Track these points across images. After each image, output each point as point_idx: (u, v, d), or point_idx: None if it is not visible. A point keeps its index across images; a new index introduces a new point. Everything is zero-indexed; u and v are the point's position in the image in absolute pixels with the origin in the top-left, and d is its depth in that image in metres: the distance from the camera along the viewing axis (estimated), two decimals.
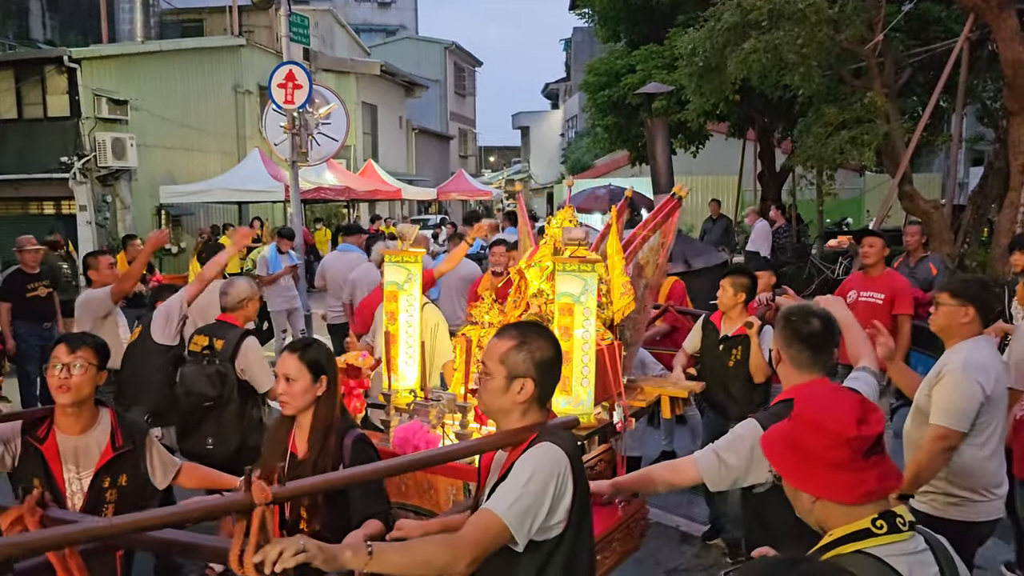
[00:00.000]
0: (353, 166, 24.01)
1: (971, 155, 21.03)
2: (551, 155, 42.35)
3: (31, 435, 2.91)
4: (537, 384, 2.21)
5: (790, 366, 2.76)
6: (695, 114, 10.89)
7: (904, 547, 1.67)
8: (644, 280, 4.11)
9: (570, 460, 2.15)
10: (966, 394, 3.23)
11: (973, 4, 8.35)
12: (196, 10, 25.05)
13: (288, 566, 1.81)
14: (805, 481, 1.74)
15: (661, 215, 4.19)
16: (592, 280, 3.23)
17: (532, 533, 2.07)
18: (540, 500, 2.07)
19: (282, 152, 10.45)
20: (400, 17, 43.63)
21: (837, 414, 1.70)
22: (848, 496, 1.69)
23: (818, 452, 1.71)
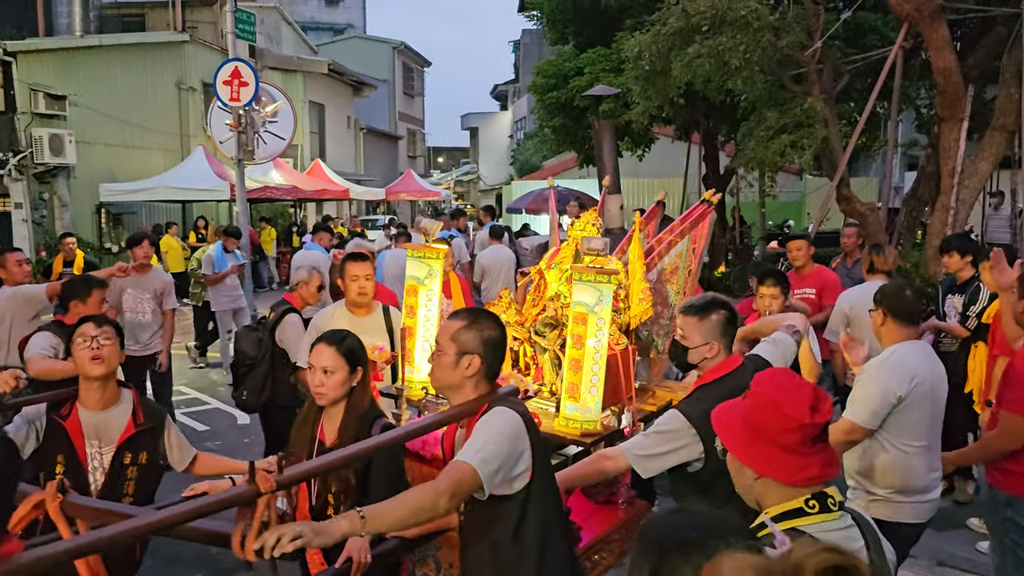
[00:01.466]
0: (300, 165, 23.77)
1: (907, 160, 21.72)
2: (500, 156, 42.45)
3: (55, 413, 3.02)
4: (484, 360, 2.44)
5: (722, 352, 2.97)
6: (641, 117, 11.05)
7: (833, 524, 1.76)
8: (673, 286, 4.07)
9: (523, 419, 2.40)
10: (876, 392, 3.31)
11: (907, 14, 8.64)
12: (138, 4, 24.48)
13: (286, 551, 1.89)
14: (754, 458, 1.81)
15: (689, 220, 4.11)
16: (608, 291, 3.20)
17: (497, 482, 2.29)
18: (502, 452, 2.29)
19: (228, 150, 10.32)
20: (348, 16, 43.27)
21: (794, 399, 1.79)
22: (792, 478, 1.77)
23: (770, 433, 1.79)
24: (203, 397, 8.92)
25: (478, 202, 41.66)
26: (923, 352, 3.51)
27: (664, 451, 2.76)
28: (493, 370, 2.50)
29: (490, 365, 2.47)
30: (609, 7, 13.77)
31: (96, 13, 22.15)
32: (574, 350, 3.24)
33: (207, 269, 9.40)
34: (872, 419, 3.32)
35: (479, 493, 2.27)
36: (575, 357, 3.24)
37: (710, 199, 4.12)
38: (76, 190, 17.10)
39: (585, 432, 3.25)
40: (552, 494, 2.51)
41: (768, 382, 1.89)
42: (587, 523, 3.58)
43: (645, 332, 4.01)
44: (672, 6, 9.39)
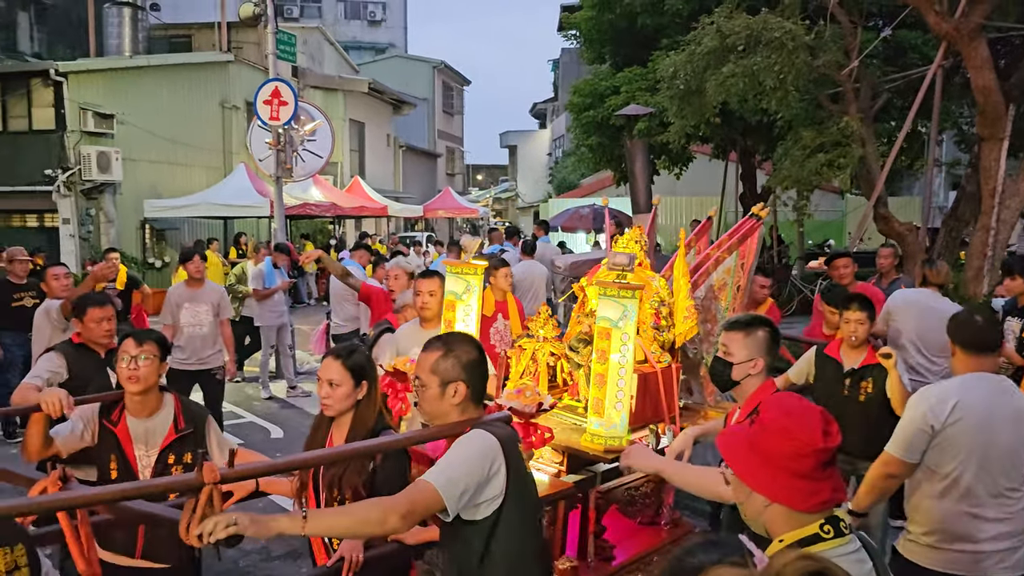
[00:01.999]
0: (340, 182, 24.08)
1: (950, 179, 21.35)
2: (538, 174, 42.57)
3: (107, 418, 3.26)
4: (468, 385, 2.45)
5: (763, 371, 2.96)
6: (677, 136, 11.04)
7: (847, 549, 1.75)
8: (722, 303, 3.99)
9: (501, 444, 2.36)
10: (910, 420, 3.10)
11: (946, 32, 8.54)
12: (185, 26, 25.16)
13: (220, 537, 2.00)
14: (765, 485, 1.79)
15: (737, 235, 4.03)
16: (632, 306, 3.18)
17: (463, 504, 2.27)
18: (470, 474, 2.27)
19: (267, 168, 10.53)
20: (390, 35, 43.88)
21: (806, 424, 1.77)
22: (805, 504, 1.75)
23: (782, 459, 1.77)
24: (238, 411, 9.06)
25: (516, 220, 41.77)
26: (986, 384, 3.10)
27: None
28: (478, 392, 2.50)
29: (475, 388, 2.47)
30: (645, 27, 13.81)
31: (145, 34, 22.79)
32: (598, 365, 3.27)
33: (256, 284, 9.53)
34: (908, 451, 3.08)
35: (443, 515, 2.26)
36: (599, 372, 3.26)
37: (759, 213, 4.01)
38: (122, 206, 17.52)
39: (609, 448, 3.23)
40: (528, 521, 2.45)
41: (776, 408, 1.87)
42: (626, 542, 3.58)
43: (694, 350, 3.98)
44: (707, 26, 9.40)
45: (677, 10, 12.76)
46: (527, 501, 2.46)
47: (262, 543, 5.40)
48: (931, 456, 3.07)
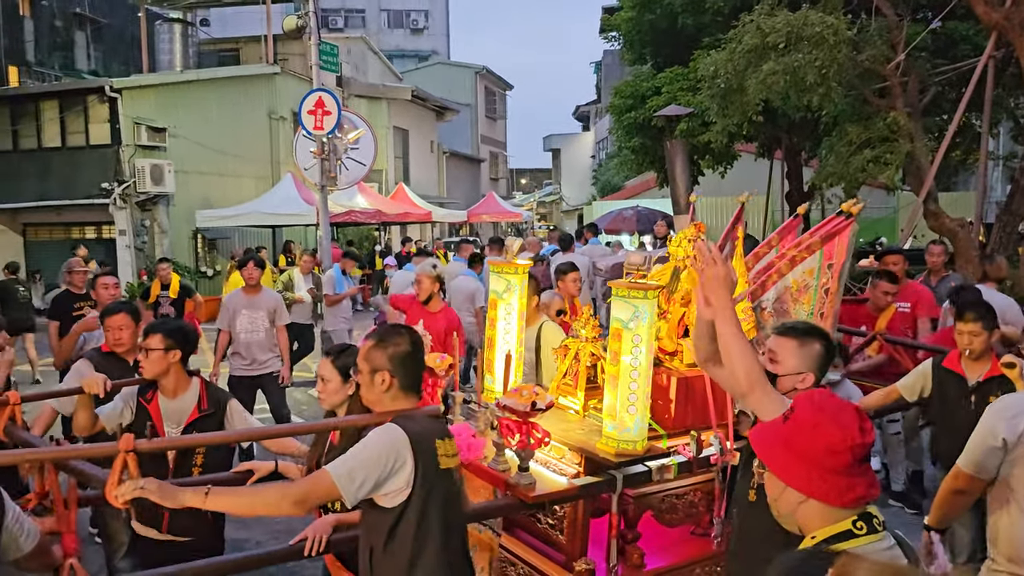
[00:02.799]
0: (384, 189, 24.36)
1: (1007, 172, 20.74)
2: (582, 177, 42.48)
3: (143, 396, 3.68)
4: (394, 375, 2.57)
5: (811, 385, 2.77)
6: (719, 135, 10.93)
7: (880, 546, 1.76)
8: (803, 306, 3.69)
9: (412, 439, 2.44)
10: (981, 435, 2.88)
11: (996, 22, 8.34)
12: (233, 40, 25.73)
13: (127, 499, 2.32)
14: (801, 481, 1.80)
15: (820, 233, 3.72)
16: (645, 307, 3.11)
17: (362, 495, 2.40)
18: (369, 468, 2.39)
19: (312, 177, 10.72)
20: (432, 43, 44.25)
21: (842, 420, 1.80)
22: (841, 500, 1.77)
23: (818, 455, 1.78)
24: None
25: (561, 223, 41.73)
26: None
27: None
28: (408, 383, 2.60)
29: (403, 379, 2.58)
30: (686, 26, 13.70)
31: (195, 49, 23.37)
32: (611, 367, 3.22)
33: (328, 290, 9.73)
34: (976, 467, 2.87)
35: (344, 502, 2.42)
36: (612, 374, 3.21)
37: (850, 210, 3.63)
38: (174, 217, 17.98)
39: (621, 452, 3.17)
40: (440, 517, 2.48)
41: (810, 404, 1.88)
42: (666, 551, 3.54)
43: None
44: (747, 24, 9.30)
45: (718, 8, 12.64)
46: (443, 497, 2.50)
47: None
48: (1009, 472, 2.82)
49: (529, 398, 2.85)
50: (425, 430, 2.51)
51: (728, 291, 2.47)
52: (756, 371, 2.47)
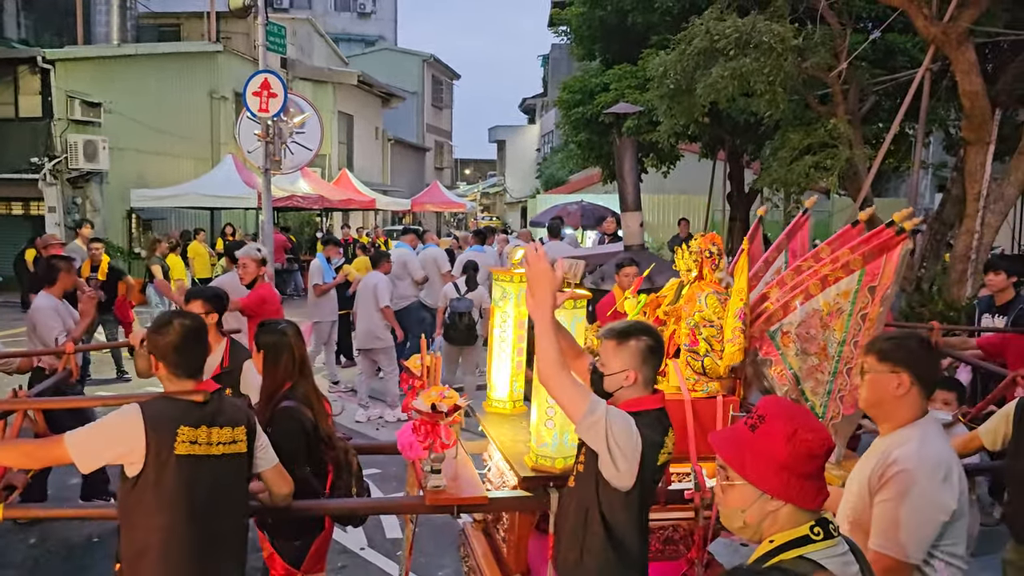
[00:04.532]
0: (328, 175, 24.01)
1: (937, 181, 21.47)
2: (526, 169, 42.55)
3: None
4: (160, 359, 2.78)
5: (641, 385, 2.68)
6: (666, 135, 11.07)
7: (834, 551, 1.80)
8: (835, 333, 3.26)
9: (147, 420, 2.64)
10: (925, 515, 2.30)
11: (934, 36, 8.60)
12: (174, 15, 24.98)
13: None
14: (779, 488, 1.81)
15: (863, 250, 3.23)
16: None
17: (93, 464, 2.68)
18: (98, 440, 2.66)
19: (255, 159, 10.47)
20: (379, 28, 43.70)
21: (812, 425, 1.84)
22: (814, 502, 1.82)
23: (798, 462, 1.81)
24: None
25: (504, 215, 41.75)
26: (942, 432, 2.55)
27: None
28: (175, 369, 2.79)
29: (170, 365, 2.78)
30: (636, 25, 13.82)
31: (133, 23, 22.64)
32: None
33: (316, 279, 9.47)
34: (919, 550, 2.32)
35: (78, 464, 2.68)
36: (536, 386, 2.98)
37: (904, 224, 3.09)
38: (108, 195, 17.43)
39: (537, 468, 3.01)
40: (174, 500, 2.65)
41: (781, 412, 1.89)
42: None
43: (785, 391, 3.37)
44: (697, 27, 9.42)
45: (667, 8, 12.78)
46: (175, 478, 2.64)
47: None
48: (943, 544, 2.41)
49: (432, 400, 2.87)
50: (166, 414, 2.69)
51: (548, 289, 2.55)
52: (557, 366, 2.52)
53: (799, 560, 1.76)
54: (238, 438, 2.78)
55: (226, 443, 2.73)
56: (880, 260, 3.18)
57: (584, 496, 2.61)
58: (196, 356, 2.81)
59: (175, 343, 2.75)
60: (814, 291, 3.31)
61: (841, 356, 3.28)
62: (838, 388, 3.31)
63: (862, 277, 3.22)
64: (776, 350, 3.40)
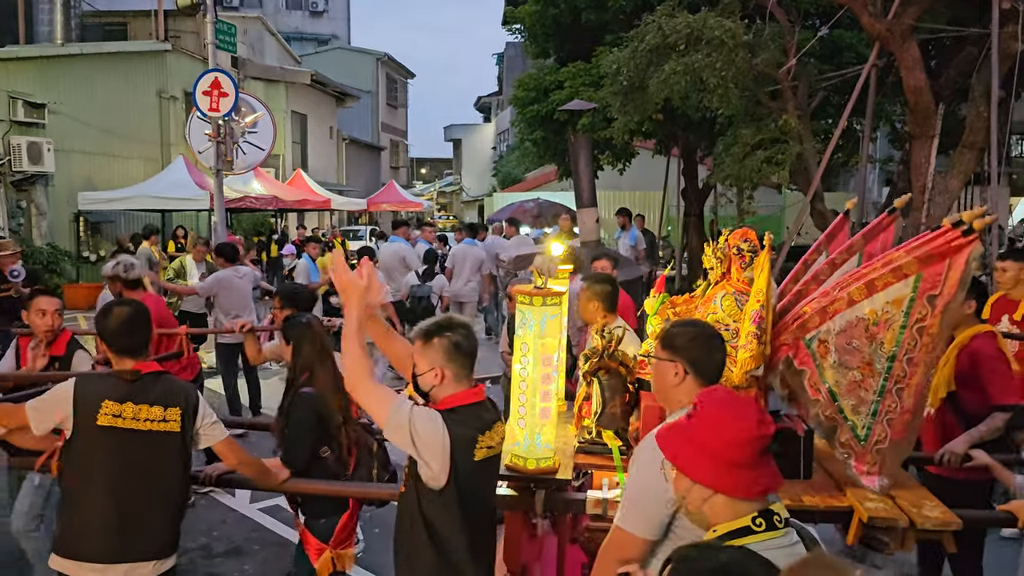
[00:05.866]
0: (282, 175, 23.73)
1: (884, 175, 21.96)
2: (483, 168, 42.53)
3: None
4: (104, 341, 3.13)
5: (452, 381, 2.68)
6: (620, 132, 11.15)
7: (780, 542, 1.81)
8: (883, 346, 2.91)
9: (76, 394, 2.98)
10: (647, 495, 2.25)
11: (879, 33, 8.79)
12: (120, 13, 24.45)
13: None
14: (707, 476, 1.85)
15: (921, 251, 2.86)
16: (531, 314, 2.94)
17: (49, 424, 3.00)
18: (48, 406, 3.00)
19: (206, 160, 10.34)
20: (332, 27, 43.30)
21: (740, 414, 1.85)
22: (748, 492, 1.82)
23: (722, 449, 1.84)
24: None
25: (461, 213, 41.69)
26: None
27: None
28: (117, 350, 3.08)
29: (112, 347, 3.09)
30: (589, 22, 13.89)
31: (78, 21, 22.09)
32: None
33: (303, 280, 9.50)
34: (644, 524, 2.27)
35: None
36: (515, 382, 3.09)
37: (972, 222, 2.78)
38: (54, 198, 16.99)
39: (510, 466, 3.01)
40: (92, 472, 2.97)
41: (710, 401, 1.93)
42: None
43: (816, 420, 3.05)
44: (649, 24, 9.51)
45: (620, 6, 12.87)
46: (96, 445, 2.96)
47: (203, 541, 5.33)
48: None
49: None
50: (93, 388, 3.01)
51: (356, 298, 2.65)
52: (362, 372, 2.61)
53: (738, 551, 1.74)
54: (170, 417, 3.03)
55: (155, 420, 3.00)
56: (942, 265, 2.80)
57: (409, 499, 2.67)
58: (132, 338, 3.09)
59: (113, 327, 3.07)
60: (858, 296, 2.91)
61: (891, 373, 2.91)
62: (885, 409, 2.95)
63: (918, 284, 2.82)
64: (812, 360, 3.02)
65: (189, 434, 3.09)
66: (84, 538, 2.93)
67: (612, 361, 3.33)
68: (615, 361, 3.33)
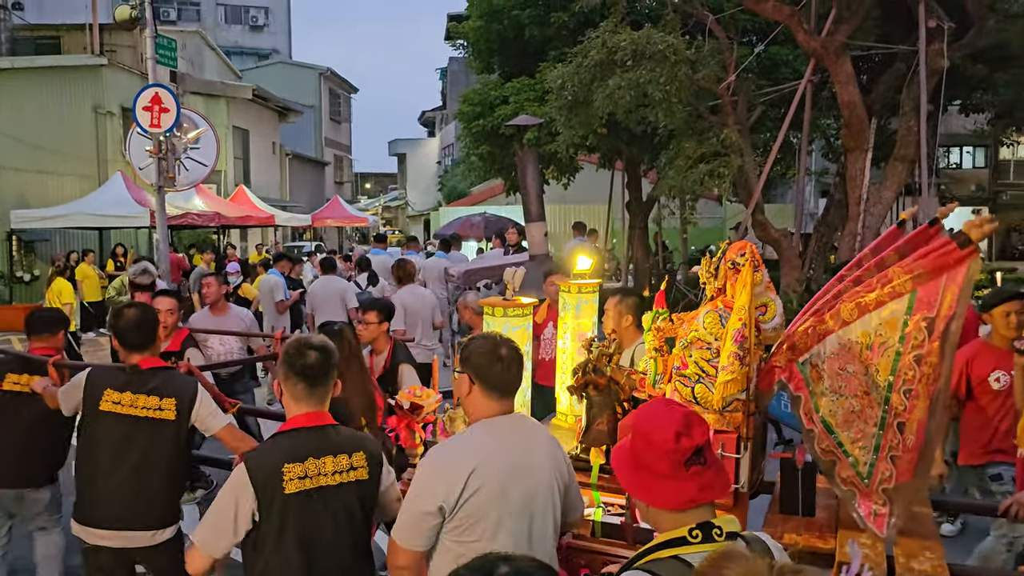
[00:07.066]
0: (224, 191, 23.35)
1: (820, 187, 22.62)
2: (428, 182, 42.48)
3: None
4: (114, 336, 3.64)
5: (290, 399, 2.65)
6: (565, 146, 11.27)
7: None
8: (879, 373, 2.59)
9: (87, 378, 3.46)
10: (415, 504, 2.40)
11: (813, 50, 9.09)
12: (53, 27, 23.82)
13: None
14: (639, 490, 1.88)
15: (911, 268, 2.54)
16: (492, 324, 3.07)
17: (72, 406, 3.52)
18: (69, 393, 3.52)
19: (147, 177, 10.14)
20: (273, 41, 42.87)
21: (661, 426, 1.84)
22: (673, 503, 1.83)
23: (647, 463, 1.86)
24: None
25: (407, 228, 41.53)
26: (500, 431, 2.54)
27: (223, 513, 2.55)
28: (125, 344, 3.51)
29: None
30: (533, 38, 14.02)
31: (8, 35, 21.53)
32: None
33: (279, 296, 9.31)
34: (409, 535, 2.43)
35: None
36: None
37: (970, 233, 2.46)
38: None
39: None
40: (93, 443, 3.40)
41: (640, 415, 1.96)
42: None
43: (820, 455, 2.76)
44: (593, 39, 9.66)
45: (564, 23, 13.03)
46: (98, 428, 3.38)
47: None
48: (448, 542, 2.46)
49: (406, 398, 3.09)
50: (100, 377, 3.45)
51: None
52: None
53: (670, 560, 1.76)
54: (165, 407, 3.34)
55: (151, 409, 3.32)
56: (938, 282, 2.47)
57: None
58: (138, 337, 3.45)
59: (122, 326, 3.47)
60: (849, 317, 2.62)
61: (889, 406, 2.58)
62: (888, 445, 2.61)
63: (913, 305, 2.51)
64: (806, 386, 2.77)
65: (186, 422, 3.39)
66: (94, 507, 3.33)
67: (600, 377, 3.20)
68: (603, 376, 3.20)
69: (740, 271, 2.85)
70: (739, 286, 2.79)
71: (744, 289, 2.76)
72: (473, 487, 2.35)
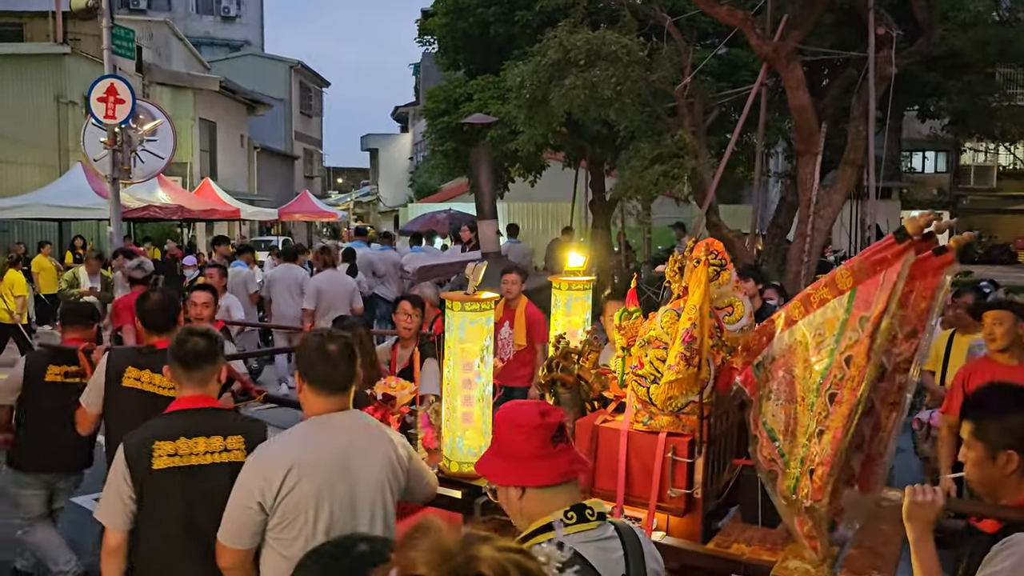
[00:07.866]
0: (189, 184, 23.14)
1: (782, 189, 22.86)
2: (399, 178, 42.32)
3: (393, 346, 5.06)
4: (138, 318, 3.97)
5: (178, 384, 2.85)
6: (526, 144, 11.35)
7: (591, 535, 1.85)
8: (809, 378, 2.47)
9: (108, 360, 3.74)
10: (231, 498, 2.46)
11: (766, 54, 9.23)
12: (15, 14, 23.46)
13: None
14: (513, 476, 1.95)
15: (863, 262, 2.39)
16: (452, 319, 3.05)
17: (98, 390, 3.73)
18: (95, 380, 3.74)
19: (102, 168, 10.06)
20: (245, 33, 42.47)
21: (523, 411, 2.00)
22: (549, 478, 1.91)
23: (515, 447, 1.96)
24: None
25: (378, 223, 41.39)
26: (321, 429, 2.59)
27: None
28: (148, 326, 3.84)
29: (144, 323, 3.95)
30: (497, 36, 14.09)
31: None
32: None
33: (252, 288, 9.42)
34: (232, 535, 2.49)
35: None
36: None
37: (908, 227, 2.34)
38: None
39: (440, 467, 3.12)
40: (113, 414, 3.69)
41: (500, 415, 2.09)
42: None
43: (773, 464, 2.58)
44: (551, 39, 9.74)
45: (527, 21, 13.11)
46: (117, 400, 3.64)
47: None
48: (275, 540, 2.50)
49: (381, 389, 3.25)
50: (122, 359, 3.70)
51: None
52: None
53: (550, 543, 1.76)
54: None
55: (165, 387, 3.41)
56: (877, 279, 2.32)
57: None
58: (159, 319, 3.74)
59: (147, 308, 3.79)
60: (796, 315, 2.51)
61: (813, 412, 2.42)
62: (810, 458, 2.40)
63: (852, 302, 2.35)
64: (757, 390, 2.64)
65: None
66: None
67: (567, 375, 3.17)
68: (570, 375, 3.17)
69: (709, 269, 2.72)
70: (692, 284, 2.67)
71: (697, 288, 2.63)
72: (290, 484, 2.39)
